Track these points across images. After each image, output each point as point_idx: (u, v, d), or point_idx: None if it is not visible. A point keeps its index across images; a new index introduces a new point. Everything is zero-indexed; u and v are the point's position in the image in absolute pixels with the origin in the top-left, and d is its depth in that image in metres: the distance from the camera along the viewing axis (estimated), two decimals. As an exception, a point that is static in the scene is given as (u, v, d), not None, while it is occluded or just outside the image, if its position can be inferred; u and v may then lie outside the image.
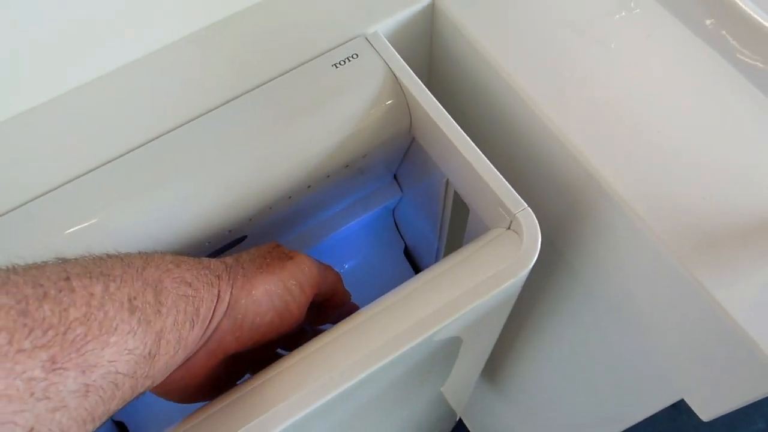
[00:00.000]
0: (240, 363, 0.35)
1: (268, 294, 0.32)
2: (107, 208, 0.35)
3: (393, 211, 0.62)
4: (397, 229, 0.64)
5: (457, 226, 0.51)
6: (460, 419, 1.17)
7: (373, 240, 0.62)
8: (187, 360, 0.30)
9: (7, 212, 0.35)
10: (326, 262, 0.40)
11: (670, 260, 0.34)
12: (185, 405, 0.36)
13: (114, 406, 0.25)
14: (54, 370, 0.21)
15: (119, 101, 0.39)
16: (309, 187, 0.40)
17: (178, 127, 0.38)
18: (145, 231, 0.35)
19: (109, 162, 0.37)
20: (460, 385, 0.61)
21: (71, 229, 0.34)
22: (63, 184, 0.36)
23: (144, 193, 0.36)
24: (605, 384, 0.53)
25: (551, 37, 0.41)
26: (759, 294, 0.32)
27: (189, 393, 0.32)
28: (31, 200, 0.35)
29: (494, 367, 0.81)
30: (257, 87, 0.39)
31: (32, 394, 0.21)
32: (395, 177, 0.55)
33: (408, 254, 0.65)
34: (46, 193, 0.35)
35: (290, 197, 0.40)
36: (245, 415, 0.30)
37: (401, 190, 0.55)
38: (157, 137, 0.37)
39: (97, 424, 0.24)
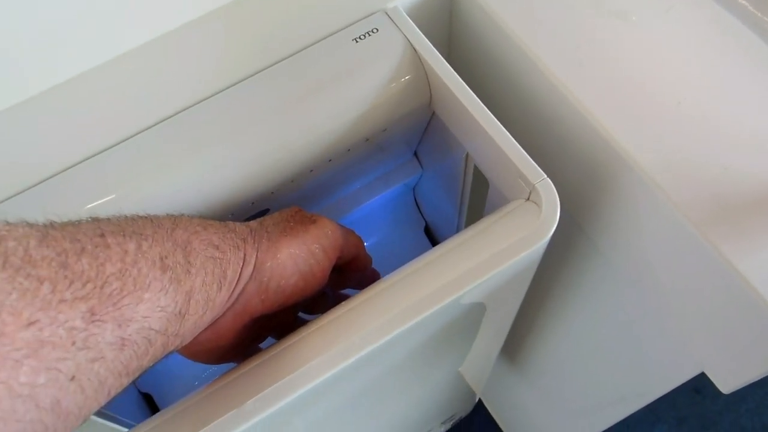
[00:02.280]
0: (264, 326, 0.36)
1: (293, 257, 0.33)
2: (134, 181, 0.36)
3: (413, 189, 0.63)
4: (418, 207, 0.64)
5: (477, 204, 0.52)
6: (480, 401, 1.18)
7: (394, 218, 0.63)
8: (215, 322, 0.31)
9: (35, 184, 0.36)
10: None
11: (690, 230, 0.34)
12: (209, 376, 0.37)
13: (146, 362, 0.25)
14: (93, 321, 0.22)
15: (146, 76, 0.39)
16: (330, 160, 0.41)
17: (201, 101, 0.38)
18: (171, 202, 0.36)
19: (135, 135, 0.37)
20: (480, 362, 0.61)
21: (99, 201, 0.35)
22: (93, 156, 0.37)
23: (170, 165, 0.36)
24: (625, 359, 0.53)
25: (571, 10, 0.41)
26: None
27: (215, 354, 0.33)
28: (62, 172, 0.36)
29: (514, 347, 0.82)
30: (279, 62, 0.40)
31: (74, 343, 0.21)
32: (415, 154, 0.55)
33: (428, 233, 0.65)
34: (77, 164, 0.36)
35: (312, 170, 0.41)
36: (273, 375, 0.31)
37: (421, 167, 0.55)
38: (181, 111, 0.38)
39: (131, 378, 0.25)
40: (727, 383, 0.38)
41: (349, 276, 0.40)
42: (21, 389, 0.20)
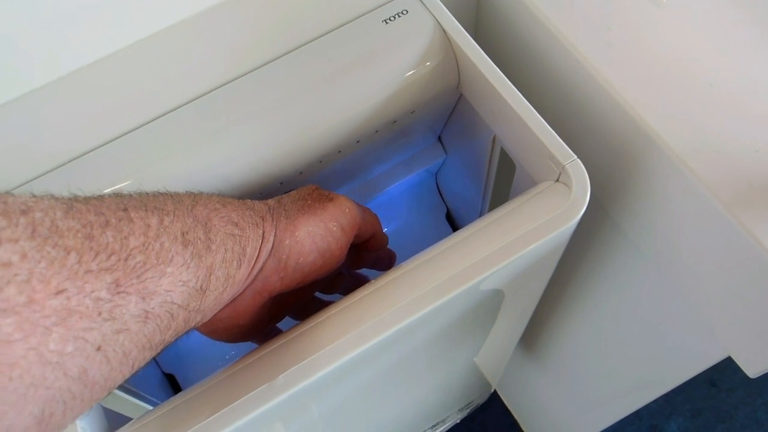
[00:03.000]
0: (282, 304, 0.36)
1: (311, 235, 0.33)
2: (160, 161, 0.36)
3: (436, 175, 0.63)
4: (440, 193, 0.64)
5: (500, 190, 0.52)
6: (495, 391, 1.18)
7: (416, 203, 0.63)
8: (234, 299, 0.31)
9: (58, 167, 0.36)
10: None
11: (721, 212, 0.34)
12: (233, 358, 0.37)
13: (168, 337, 0.26)
14: (118, 293, 0.22)
15: (174, 58, 0.40)
16: (358, 141, 0.41)
17: (232, 81, 0.39)
18: (201, 180, 0.37)
19: (164, 116, 0.38)
20: (497, 351, 0.62)
21: (125, 183, 0.35)
22: (123, 135, 0.37)
23: (200, 144, 0.37)
24: (647, 346, 0.53)
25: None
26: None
27: (235, 332, 0.33)
28: (88, 152, 0.36)
29: (531, 337, 0.82)
30: (309, 42, 0.40)
31: (100, 314, 0.21)
32: (440, 139, 0.55)
33: (450, 219, 0.66)
34: (105, 143, 0.37)
35: (340, 151, 0.41)
36: (304, 351, 0.31)
37: (445, 153, 0.56)
38: (212, 91, 0.39)
39: (154, 353, 0.25)
40: (754, 367, 0.38)
41: (365, 255, 0.40)
42: (50, 356, 0.20)
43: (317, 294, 0.40)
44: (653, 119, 0.36)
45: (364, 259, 0.41)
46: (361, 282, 0.39)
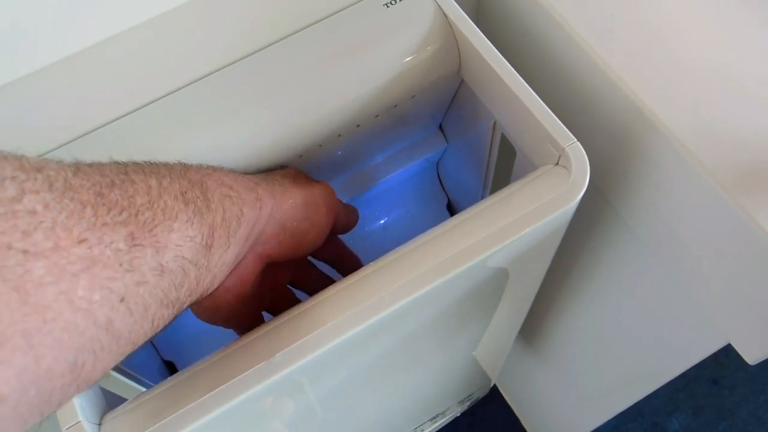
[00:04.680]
0: (279, 278, 0.38)
1: (305, 203, 0.35)
2: (160, 142, 0.36)
3: (437, 165, 0.63)
4: (441, 183, 0.64)
5: (501, 179, 0.52)
6: (495, 386, 1.18)
7: (417, 193, 0.63)
8: (238, 265, 0.32)
9: (70, 141, 0.36)
10: (369, 213, 0.45)
11: (721, 195, 0.34)
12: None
13: (183, 295, 0.26)
14: (134, 245, 0.23)
15: (174, 40, 0.40)
16: (358, 126, 0.41)
17: (230, 64, 0.39)
18: (202, 160, 0.37)
19: (165, 96, 0.38)
20: (497, 340, 0.61)
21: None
22: (125, 115, 0.37)
23: (196, 128, 0.37)
24: (647, 334, 0.53)
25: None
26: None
27: (238, 307, 0.34)
28: (97, 128, 0.37)
29: (532, 330, 0.81)
30: (310, 25, 0.40)
31: (121, 264, 0.22)
32: (441, 128, 0.55)
33: (451, 209, 0.65)
34: (111, 122, 0.37)
35: (340, 135, 0.41)
36: (302, 329, 0.31)
37: (446, 141, 0.55)
38: (210, 74, 0.39)
39: (171, 311, 0.26)
40: (753, 353, 0.38)
41: (330, 244, 0.42)
42: (80, 303, 0.20)
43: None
44: (654, 103, 0.36)
45: (329, 249, 0.42)
46: (328, 282, 0.41)
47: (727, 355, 0.39)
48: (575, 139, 0.34)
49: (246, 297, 0.33)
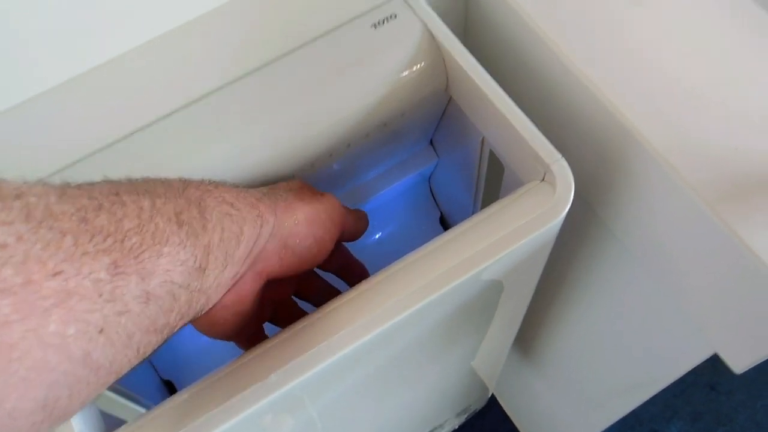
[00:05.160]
0: (280, 292, 0.37)
1: (309, 220, 0.34)
2: (161, 161, 0.37)
3: (429, 179, 0.63)
4: (434, 197, 0.65)
5: (492, 193, 0.52)
6: (493, 396, 1.19)
7: (410, 208, 0.64)
8: (236, 283, 0.32)
9: (71, 164, 0.37)
10: None
11: (703, 209, 0.34)
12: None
13: (173, 319, 0.26)
14: (117, 274, 0.22)
15: (173, 60, 0.40)
16: (349, 145, 0.42)
17: (223, 86, 0.39)
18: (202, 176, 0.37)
19: (162, 119, 0.38)
20: (493, 352, 0.62)
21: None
22: (123, 138, 0.38)
23: (190, 148, 0.38)
24: (639, 344, 0.53)
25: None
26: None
27: (237, 322, 0.33)
28: (98, 151, 0.37)
29: (527, 340, 0.82)
30: (302, 46, 0.41)
31: (100, 295, 0.22)
32: (431, 143, 0.56)
33: (444, 223, 0.66)
34: (108, 146, 0.37)
35: (331, 155, 0.41)
36: (298, 348, 0.32)
37: (437, 156, 0.56)
38: (204, 97, 0.39)
39: (159, 336, 0.25)
40: (739, 363, 0.38)
41: (336, 255, 0.41)
42: (51, 339, 0.20)
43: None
44: (636, 119, 0.37)
45: (335, 260, 0.41)
46: (333, 293, 0.41)
47: (723, 361, 0.39)
48: (560, 157, 0.35)
49: (245, 314, 0.33)
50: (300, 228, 0.34)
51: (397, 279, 0.33)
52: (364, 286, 0.34)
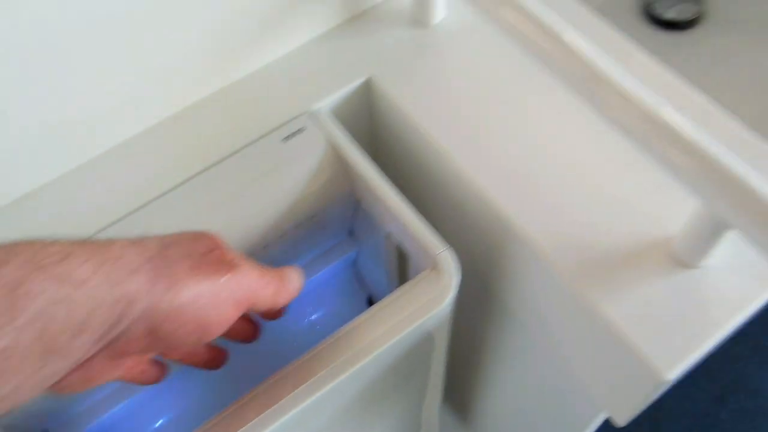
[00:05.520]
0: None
1: (194, 304, 0.28)
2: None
3: (354, 263, 0.68)
4: (360, 279, 0.70)
5: (405, 278, 0.58)
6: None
7: (338, 291, 0.68)
8: (84, 364, 0.28)
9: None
10: (294, 314, 0.45)
11: (565, 285, 0.40)
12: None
13: None
14: None
15: (94, 187, 0.45)
16: (265, 246, 0.47)
17: (153, 200, 0.44)
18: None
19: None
20: (424, 419, 0.66)
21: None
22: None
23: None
24: (545, 408, 0.58)
25: (469, 101, 0.48)
26: (641, 307, 0.38)
27: (89, 387, 0.30)
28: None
29: (464, 402, 0.86)
30: (222, 160, 0.46)
31: None
32: (353, 233, 0.61)
33: (372, 302, 0.71)
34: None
35: (252, 254, 0.46)
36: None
37: (356, 245, 0.61)
38: (130, 213, 0.44)
39: None
40: (620, 417, 0.43)
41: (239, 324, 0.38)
42: None
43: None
44: (509, 207, 0.43)
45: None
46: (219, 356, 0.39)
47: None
48: (444, 248, 0.41)
49: (96, 383, 0.30)
50: (179, 314, 0.28)
51: (303, 370, 0.38)
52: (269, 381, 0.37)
